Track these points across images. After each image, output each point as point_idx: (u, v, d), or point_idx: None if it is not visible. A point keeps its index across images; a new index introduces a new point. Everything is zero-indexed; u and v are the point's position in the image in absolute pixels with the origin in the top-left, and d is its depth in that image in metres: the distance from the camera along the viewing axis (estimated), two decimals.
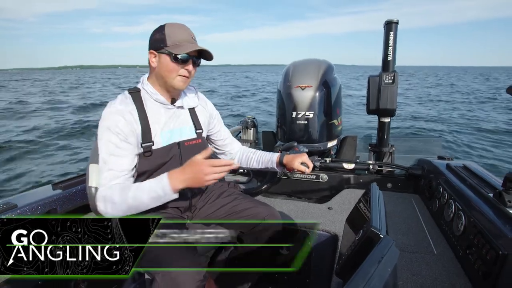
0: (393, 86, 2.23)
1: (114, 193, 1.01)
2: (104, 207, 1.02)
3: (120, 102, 1.10)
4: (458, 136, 8.35)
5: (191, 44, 1.09)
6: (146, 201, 1.01)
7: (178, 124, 1.20)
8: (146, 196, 1.00)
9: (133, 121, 1.08)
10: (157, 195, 1.01)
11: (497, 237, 1.04)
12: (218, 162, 0.99)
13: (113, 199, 1.01)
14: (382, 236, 0.73)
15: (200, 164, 0.99)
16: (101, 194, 1.03)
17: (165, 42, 1.07)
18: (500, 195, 1.21)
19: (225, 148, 1.46)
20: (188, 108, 1.26)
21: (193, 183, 1.00)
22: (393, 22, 2.19)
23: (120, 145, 1.06)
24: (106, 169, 1.05)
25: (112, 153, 1.05)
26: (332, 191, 2.16)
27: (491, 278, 1.01)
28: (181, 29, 1.10)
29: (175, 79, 1.11)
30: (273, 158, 1.37)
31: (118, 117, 1.06)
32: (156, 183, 1.01)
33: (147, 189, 1.01)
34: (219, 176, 1.00)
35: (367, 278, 0.54)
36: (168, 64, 1.09)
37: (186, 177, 1.00)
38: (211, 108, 1.37)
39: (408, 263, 1.27)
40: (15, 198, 1.43)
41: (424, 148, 2.76)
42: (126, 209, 1.01)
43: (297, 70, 2.28)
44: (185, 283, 0.91)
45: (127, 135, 1.06)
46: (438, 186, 1.71)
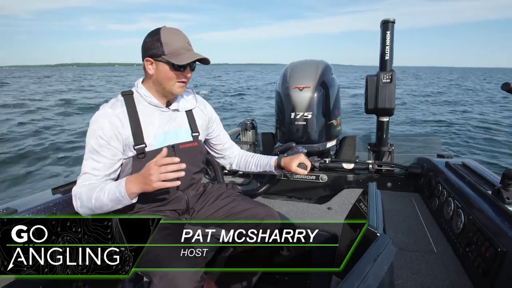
0: (391, 85, 2.23)
1: (82, 192, 1.04)
2: (75, 204, 1.06)
3: (111, 105, 1.12)
4: (458, 134, 8.35)
5: (189, 52, 1.10)
6: (107, 203, 1.02)
7: (173, 127, 1.20)
8: (106, 198, 1.01)
9: (120, 125, 1.09)
10: (115, 198, 1.00)
11: (496, 234, 1.04)
12: (162, 160, 0.95)
13: (82, 198, 1.04)
14: (378, 234, 0.73)
15: (148, 164, 0.97)
16: (74, 192, 1.06)
17: (163, 50, 1.08)
18: (498, 192, 1.20)
19: (224, 152, 1.46)
20: (185, 110, 1.26)
21: (144, 185, 0.97)
22: (390, 21, 2.19)
23: (99, 149, 1.07)
24: (83, 171, 1.08)
25: (90, 156, 1.08)
26: (331, 191, 2.16)
27: (490, 275, 1.00)
28: (177, 35, 1.10)
29: (174, 85, 1.12)
30: (271, 162, 1.37)
31: (104, 120, 1.07)
32: (115, 186, 1.02)
33: (107, 192, 1.01)
34: (164, 177, 0.95)
35: (362, 277, 0.55)
36: (167, 72, 1.09)
37: (138, 179, 0.99)
38: (210, 111, 1.37)
39: (408, 261, 1.27)
40: (15, 203, 1.43)
41: (423, 146, 2.76)
42: (92, 208, 1.03)
43: (295, 71, 2.28)
44: (182, 284, 0.91)
45: (109, 139, 1.07)
46: (437, 184, 1.71)
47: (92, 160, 1.08)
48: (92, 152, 1.08)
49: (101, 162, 1.08)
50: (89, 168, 1.07)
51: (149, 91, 1.16)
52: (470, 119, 10.92)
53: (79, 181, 1.07)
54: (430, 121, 10.46)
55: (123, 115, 1.10)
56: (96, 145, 1.07)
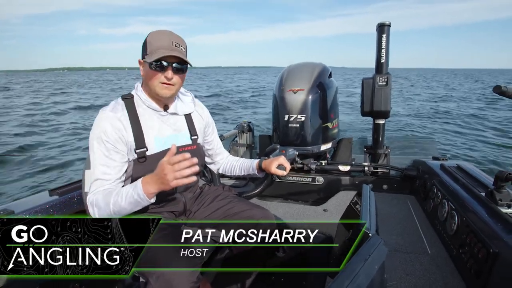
0: (386, 88, 2.25)
1: (99, 199, 1.04)
2: (92, 212, 1.05)
3: (111, 108, 1.11)
4: (453, 136, 8.41)
5: (167, 50, 1.07)
6: (125, 206, 1.02)
7: (173, 131, 1.21)
8: (125, 201, 1.01)
9: (122, 128, 1.09)
10: (134, 200, 1.01)
11: (488, 236, 1.06)
12: (174, 158, 0.94)
13: (99, 205, 1.03)
14: (371, 234, 0.74)
15: (161, 164, 0.96)
16: (89, 200, 1.06)
17: (146, 50, 1.09)
18: (491, 194, 1.22)
19: (215, 158, 1.47)
20: (184, 114, 1.26)
21: (161, 184, 0.98)
22: (386, 24, 2.22)
23: (108, 153, 1.07)
24: (94, 178, 1.07)
25: (99, 162, 1.07)
26: (328, 194, 2.17)
27: (483, 276, 1.02)
28: (163, 35, 1.09)
29: (157, 86, 1.10)
30: (253, 164, 1.39)
31: (106, 123, 1.07)
32: (132, 189, 1.01)
33: (125, 195, 1.01)
34: (180, 175, 0.94)
35: (352, 276, 0.56)
36: (148, 72, 1.10)
37: (154, 179, 0.99)
38: (207, 116, 1.38)
39: (402, 263, 1.28)
40: (12, 204, 1.43)
41: (419, 149, 2.78)
42: (111, 213, 1.03)
43: (291, 74, 2.30)
44: (179, 284, 0.91)
45: (114, 143, 1.07)
46: (432, 186, 1.72)
47: (101, 166, 1.07)
48: (101, 157, 1.07)
49: (111, 166, 1.08)
50: (100, 173, 1.06)
51: (146, 94, 1.16)
52: (462, 119, 11.05)
53: (92, 189, 1.06)
54: (424, 121, 10.53)
55: (124, 118, 1.10)
56: (104, 150, 1.07)
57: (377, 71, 2.30)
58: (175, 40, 1.10)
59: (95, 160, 1.07)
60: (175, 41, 1.10)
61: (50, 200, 1.51)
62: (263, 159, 1.37)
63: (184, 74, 1.15)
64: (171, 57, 1.08)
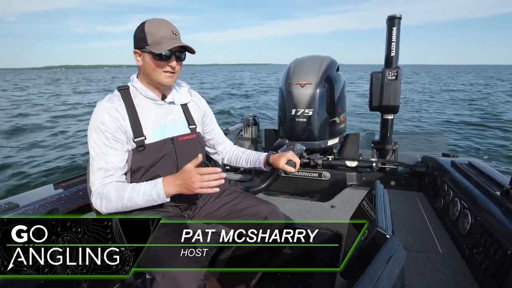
0: (396, 83, 2.20)
1: (110, 192, 1.04)
2: (100, 204, 1.06)
3: (108, 99, 1.12)
4: (461, 132, 8.32)
5: (171, 40, 1.08)
6: (140, 203, 1.05)
7: (170, 120, 1.21)
8: (141, 199, 1.04)
9: (120, 117, 1.09)
10: (151, 198, 1.04)
11: (505, 236, 1.02)
12: (205, 170, 1.00)
13: (110, 197, 1.04)
14: (388, 236, 0.71)
15: (189, 172, 1.01)
16: (97, 192, 1.06)
17: (146, 40, 1.07)
18: (507, 193, 1.18)
19: (217, 148, 1.46)
20: (181, 104, 1.26)
21: (184, 190, 1.03)
22: (396, 17, 2.15)
23: (108, 142, 1.07)
24: (96, 167, 1.07)
25: (100, 151, 1.07)
26: (334, 189, 2.14)
27: (499, 278, 0.99)
28: (161, 25, 1.09)
29: (161, 75, 1.11)
30: (261, 158, 1.37)
31: (104, 114, 1.07)
32: (151, 187, 1.04)
33: (142, 192, 1.04)
34: (207, 185, 1.00)
35: (375, 280, 0.53)
36: (151, 62, 1.09)
37: (177, 183, 1.03)
38: (205, 106, 1.37)
39: (413, 262, 1.25)
40: (16, 197, 1.42)
41: (428, 145, 2.73)
42: (121, 207, 1.05)
43: (298, 68, 2.25)
44: (185, 283, 0.90)
45: (114, 132, 1.07)
46: (443, 184, 1.69)
47: (103, 155, 1.07)
48: (101, 148, 1.07)
49: (112, 154, 1.08)
50: (103, 163, 1.07)
51: (143, 84, 1.16)
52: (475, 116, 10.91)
53: (98, 181, 1.07)
54: (435, 119, 10.42)
55: (121, 108, 1.11)
56: (104, 139, 1.07)
57: (386, 65, 2.24)
58: (173, 29, 1.10)
59: (95, 150, 1.07)
60: (174, 29, 1.10)
61: (55, 193, 1.50)
62: (271, 153, 1.34)
63: (182, 61, 1.16)
64: (176, 46, 1.08)
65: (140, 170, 1.13)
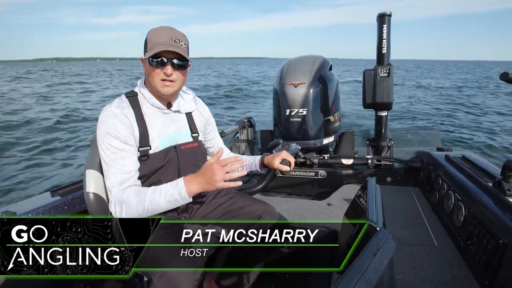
0: (388, 79, 2.22)
1: (130, 197, 1.01)
2: (120, 210, 1.02)
3: (117, 105, 1.10)
4: (456, 126, 8.38)
5: (162, 46, 1.04)
6: (162, 205, 1.02)
7: (175, 129, 1.20)
8: (163, 200, 1.01)
9: (130, 124, 1.08)
10: (174, 199, 1.02)
11: (497, 227, 1.04)
12: (226, 161, 1.00)
13: (130, 202, 1.01)
14: (378, 228, 0.72)
15: (210, 166, 1.00)
16: (117, 198, 1.02)
17: (146, 47, 1.07)
18: (499, 184, 1.20)
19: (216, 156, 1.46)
20: (185, 112, 1.25)
21: (206, 185, 1.01)
22: (386, 14, 2.18)
23: (121, 147, 1.06)
24: (112, 173, 1.04)
25: (114, 157, 1.05)
26: (331, 187, 2.15)
27: (492, 268, 1.00)
28: (162, 31, 1.07)
29: (158, 83, 1.08)
30: (256, 161, 1.38)
31: (115, 120, 1.06)
32: (173, 188, 1.02)
33: (164, 193, 1.01)
34: (229, 177, 0.99)
35: (362, 271, 0.54)
36: (148, 69, 1.08)
37: (199, 179, 1.01)
38: (208, 114, 1.37)
39: (409, 256, 1.26)
40: (14, 206, 1.42)
41: (423, 140, 2.75)
42: (142, 212, 1.01)
43: (291, 68, 2.27)
44: (182, 282, 0.90)
45: (126, 138, 1.06)
46: (437, 178, 1.70)
47: (120, 159, 1.05)
48: (116, 153, 1.05)
49: (127, 159, 1.06)
50: (120, 168, 1.04)
51: (149, 92, 1.15)
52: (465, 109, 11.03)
53: (115, 187, 1.03)
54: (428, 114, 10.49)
55: (131, 115, 1.09)
56: (117, 144, 1.05)
57: (378, 62, 2.26)
58: (175, 36, 1.07)
59: (110, 156, 1.05)
60: (175, 36, 1.07)
61: (52, 200, 1.50)
62: (265, 155, 1.36)
63: (185, 70, 1.12)
64: (171, 53, 1.05)
65: (142, 177, 1.13)
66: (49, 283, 1.22)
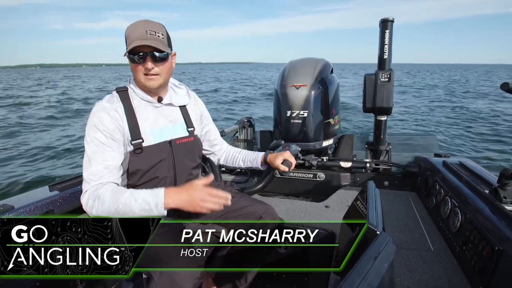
0: (389, 84, 2.23)
1: (106, 194, 0.99)
2: (92, 204, 0.99)
3: (107, 100, 1.12)
4: (453, 133, 8.46)
5: (137, 41, 1.04)
6: (136, 211, 0.98)
7: (168, 122, 1.21)
8: (137, 207, 0.97)
9: (119, 118, 1.09)
10: (148, 208, 0.97)
11: (493, 233, 1.05)
12: (216, 193, 0.99)
13: (104, 199, 0.98)
14: (378, 232, 0.73)
15: (199, 190, 0.98)
16: (91, 191, 1.00)
17: (126, 44, 1.08)
18: (495, 191, 1.22)
19: (214, 149, 1.47)
20: (179, 106, 1.26)
21: (187, 206, 0.98)
22: (389, 20, 2.19)
23: (105, 141, 1.06)
24: (92, 165, 1.03)
25: (96, 150, 1.04)
26: (329, 190, 2.16)
27: (486, 274, 1.01)
28: (136, 26, 1.07)
29: (141, 78, 1.10)
30: (258, 158, 1.40)
31: (103, 114, 1.07)
32: (151, 197, 0.98)
33: (140, 200, 0.97)
34: (213, 207, 0.98)
35: (363, 274, 0.55)
36: (131, 65, 1.10)
37: (181, 198, 0.98)
38: (202, 108, 1.38)
39: (405, 260, 1.27)
40: (11, 199, 1.42)
41: (421, 145, 2.77)
42: (114, 212, 0.98)
43: (293, 70, 2.28)
44: (182, 282, 0.91)
45: (112, 132, 1.07)
46: (434, 183, 1.72)
47: (101, 153, 1.04)
48: (98, 146, 1.05)
49: (109, 154, 1.05)
50: (100, 161, 1.03)
51: (138, 86, 1.16)
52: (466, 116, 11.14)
53: (93, 180, 1.02)
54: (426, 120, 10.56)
55: (120, 109, 1.10)
56: (101, 137, 1.05)
57: (379, 67, 2.28)
58: (150, 28, 1.07)
59: (92, 149, 1.05)
60: (150, 29, 1.06)
61: (50, 195, 1.50)
62: (269, 152, 1.37)
63: (166, 61, 1.11)
64: (147, 47, 1.05)
65: (137, 172, 1.13)
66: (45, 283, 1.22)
